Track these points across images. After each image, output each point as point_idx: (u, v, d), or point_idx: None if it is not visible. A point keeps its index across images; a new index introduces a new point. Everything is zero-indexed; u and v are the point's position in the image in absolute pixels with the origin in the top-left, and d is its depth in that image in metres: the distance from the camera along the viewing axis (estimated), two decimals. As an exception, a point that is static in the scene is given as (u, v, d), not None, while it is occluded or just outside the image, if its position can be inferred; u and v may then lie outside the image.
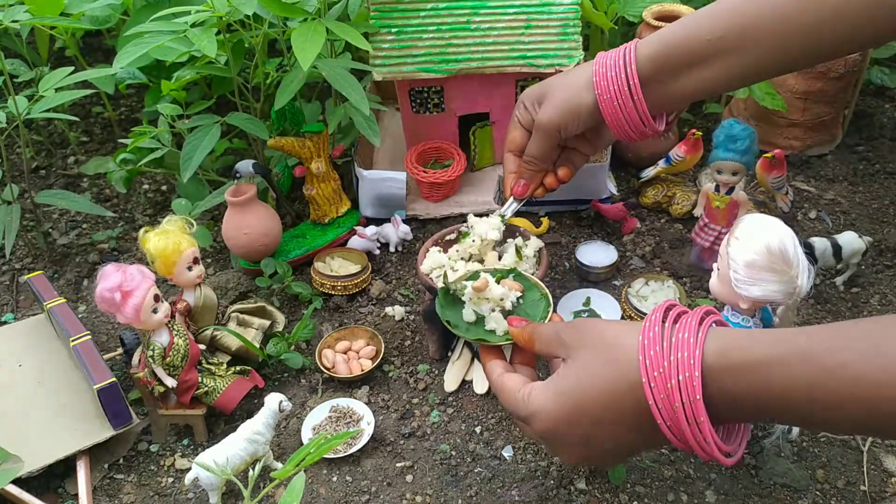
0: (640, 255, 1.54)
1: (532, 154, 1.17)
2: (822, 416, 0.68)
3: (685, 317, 0.76)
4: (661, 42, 1.03)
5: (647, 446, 0.81)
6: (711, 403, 0.71)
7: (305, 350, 1.37)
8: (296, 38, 1.33)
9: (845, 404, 0.65)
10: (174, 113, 1.56)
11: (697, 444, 0.73)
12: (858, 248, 1.38)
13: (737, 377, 0.70)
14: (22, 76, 1.87)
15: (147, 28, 1.40)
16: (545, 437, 0.82)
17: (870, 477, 1.14)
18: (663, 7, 1.69)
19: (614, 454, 0.82)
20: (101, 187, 1.84)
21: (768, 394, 0.69)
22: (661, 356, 0.72)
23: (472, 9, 1.52)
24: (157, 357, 1.17)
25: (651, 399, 0.72)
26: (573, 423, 0.78)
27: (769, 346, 0.70)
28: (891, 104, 2.01)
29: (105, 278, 1.12)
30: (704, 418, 0.71)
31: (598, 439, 0.78)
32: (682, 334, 0.73)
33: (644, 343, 0.74)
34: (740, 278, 0.98)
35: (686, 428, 0.72)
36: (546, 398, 0.80)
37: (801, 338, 0.69)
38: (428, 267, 1.18)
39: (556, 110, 1.12)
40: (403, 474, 1.16)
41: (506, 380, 0.88)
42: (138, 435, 1.25)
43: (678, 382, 0.71)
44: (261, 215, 1.45)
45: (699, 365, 0.71)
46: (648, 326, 0.76)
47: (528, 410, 0.82)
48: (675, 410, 0.71)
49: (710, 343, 0.73)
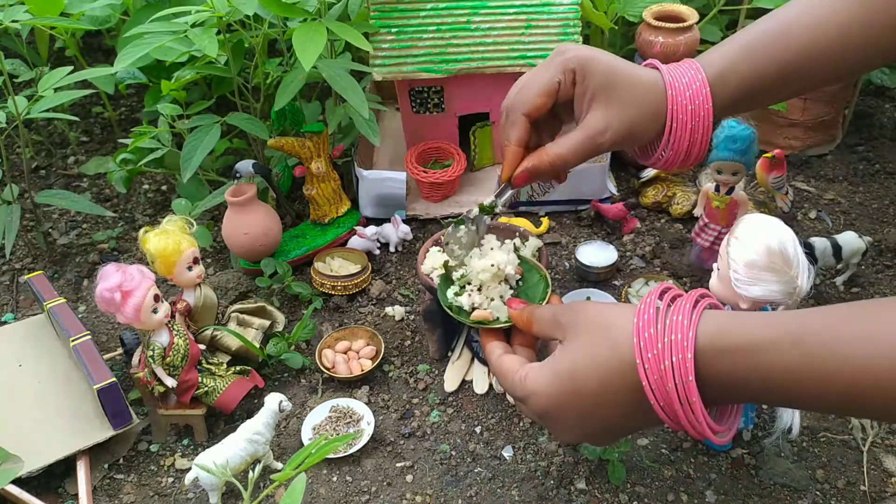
0: (640, 255, 1.54)
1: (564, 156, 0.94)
2: (811, 397, 0.68)
3: (680, 299, 0.77)
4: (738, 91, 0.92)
5: (641, 426, 0.82)
6: (704, 385, 0.72)
7: (305, 350, 1.37)
8: (297, 39, 1.33)
9: (834, 385, 0.66)
10: (174, 113, 1.56)
11: (689, 424, 0.74)
12: (858, 248, 1.38)
13: (729, 359, 0.71)
14: (22, 76, 1.87)
15: (147, 28, 1.40)
16: (542, 417, 0.83)
17: (870, 477, 1.14)
18: (663, 7, 1.69)
19: (609, 433, 0.83)
20: (101, 187, 1.84)
21: (759, 375, 0.70)
22: (656, 338, 0.73)
23: (471, 9, 1.52)
24: (157, 357, 1.17)
25: (645, 380, 0.73)
26: (569, 403, 0.79)
27: (761, 329, 0.70)
28: (891, 104, 2.01)
29: (105, 278, 1.12)
30: (696, 399, 0.72)
31: (594, 419, 0.79)
32: (676, 317, 0.74)
33: (639, 325, 0.75)
34: (740, 278, 0.98)
35: (678, 408, 0.73)
36: (542, 379, 0.81)
37: (794, 321, 0.69)
38: (429, 267, 1.17)
39: (618, 133, 0.91)
40: (403, 474, 1.16)
41: (504, 361, 0.89)
42: (138, 435, 1.24)
43: (671, 364, 0.71)
44: (261, 215, 1.45)
45: (692, 347, 0.72)
46: (644, 308, 0.76)
47: (526, 391, 0.83)
48: (667, 391, 0.72)
49: (704, 325, 0.73)
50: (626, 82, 0.91)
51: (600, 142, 0.91)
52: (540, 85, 0.93)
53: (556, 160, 0.93)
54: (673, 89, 0.91)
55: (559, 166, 0.94)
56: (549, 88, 0.92)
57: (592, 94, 0.91)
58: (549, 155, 0.93)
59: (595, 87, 0.91)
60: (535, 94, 0.93)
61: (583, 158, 0.93)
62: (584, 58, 0.91)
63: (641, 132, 0.92)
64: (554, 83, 0.92)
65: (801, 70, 0.90)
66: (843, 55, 0.89)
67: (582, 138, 0.92)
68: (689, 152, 0.93)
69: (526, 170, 0.95)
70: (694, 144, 0.92)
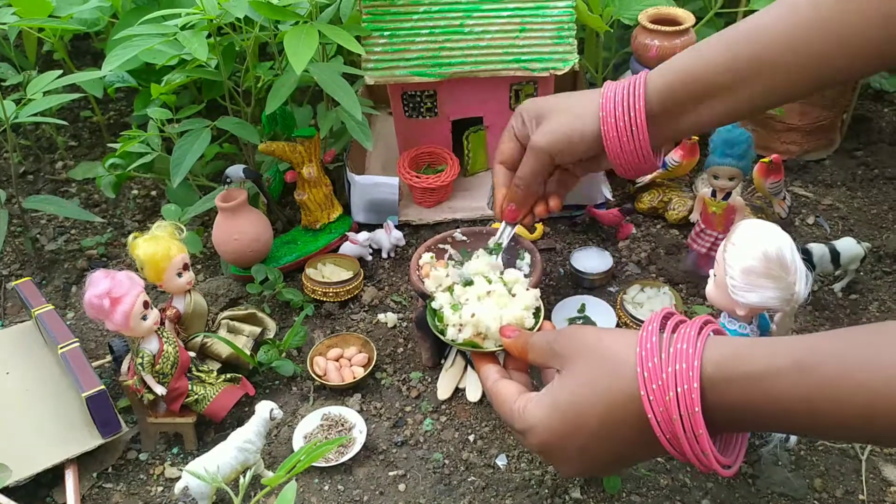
0: (636, 262, 1.53)
1: (523, 176, 1.12)
2: (821, 426, 0.68)
3: (683, 326, 0.76)
4: (674, 75, 0.99)
5: (645, 457, 0.81)
6: (710, 414, 0.71)
7: (297, 357, 1.36)
8: (288, 42, 1.32)
9: (844, 414, 0.65)
10: (164, 117, 1.55)
11: (695, 457, 0.72)
12: (857, 254, 1.37)
13: (735, 388, 0.70)
14: (9, 80, 1.86)
15: (136, 31, 1.39)
16: (542, 451, 0.82)
17: (868, 486, 1.13)
18: (659, 10, 1.68)
19: (612, 465, 0.82)
20: (90, 192, 1.82)
21: (767, 404, 0.69)
22: (660, 368, 0.72)
23: (465, 12, 1.51)
24: (147, 364, 1.15)
25: (650, 412, 0.72)
26: (570, 437, 0.78)
27: (768, 357, 0.69)
28: (889, 108, 2.01)
29: (93, 285, 1.12)
30: (703, 431, 0.71)
31: (596, 451, 0.78)
32: (680, 345, 0.73)
33: (642, 354, 0.73)
34: (737, 285, 0.97)
35: (684, 440, 0.71)
36: (542, 412, 0.80)
37: (801, 347, 0.69)
38: (432, 286, 1.16)
39: (553, 135, 1.05)
40: (396, 483, 1.15)
41: (500, 388, 0.88)
42: (127, 443, 1.23)
43: (676, 395, 0.70)
44: (251, 221, 1.44)
45: (698, 377, 0.70)
46: (646, 336, 0.75)
47: (525, 424, 0.81)
48: (673, 423, 0.71)
49: (709, 353, 0.72)
50: (561, 101, 1.09)
51: (539, 146, 1.06)
52: (504, 138, 1.14)
53: (516, 180, 1.12)
54: (607, 88, 1.03)
55: (518, 185, 1.12)
56: (509, 135, 1.13)
57: (534, 122, 1.08)
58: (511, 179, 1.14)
59: (535, 117, 1.08)
60: (502, 145, 1.14)
61: (533, 171, 1.10)
62: (527, 102, 1.12)
63: (579, 134, 1.04)
64: (510, 132, 1.12)
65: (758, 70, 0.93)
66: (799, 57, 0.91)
67: (527, 153, 1.09)
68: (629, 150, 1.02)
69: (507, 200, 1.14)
70: (632, 140, 1.01)
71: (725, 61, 0.94)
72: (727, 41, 0.96)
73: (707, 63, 0.96)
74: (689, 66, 0.98)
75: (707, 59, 0.96)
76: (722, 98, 0.96)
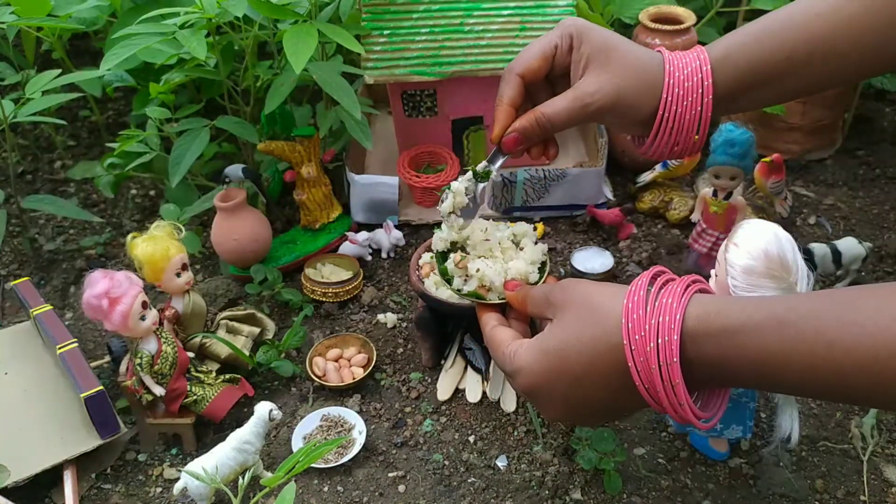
0: (637, 262, 1.52)
1: (555, 120, 0.93)
2: (796, 382, 0.69)
3: (671, 283, 0.77)
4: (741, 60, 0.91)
5: (626, 408, 0.82)
6: (690, 367, 0.72)
7: (296, 358, 1.36)
8: (288, 41, 1.31)
9: (819, 370, 0.66)
10: (162, 116, 1.54)
11: (671, 407, 0.74)
12: (858, 253, 1.38)
13: (714, 342, 0.71)
14: (8, 79, 1.85)
15: (135, 30, 1.38)
16: (529, 393, 0.84)
17: (870, 487, 1.13)
18: (660, 9, 1.67)
19: (595, 413, 0.83)
20: (89, 192, 1.82)
21: (743, 358, 0.70)
22: (644, 320, 0.74)
23: (465, 11, 1.51)
24: (145, 365, 1.15)
25: (630, 361, 0.73)
26: (555, 381, 0.80)
27: (749, 312, 0.70)
28: (891, 108, 2.00)
29: (92, 285, 1.12)
30: (680, 381, 0.72)
31: (579, 398, 0.80)
32: (665, 299, 0.74)
33: (628, 306, 0.75)
34: (738, 284, 0.97)
35: (661, 390, 0.73)
36: (530, 356, 0.82)
37: (781, 305, 0.70)
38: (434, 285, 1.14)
39: (605, 99, 0.90)
40: (396, 484, 1.15)
41: (497, 333, 0.90)
42: (126, 444, 1.23)
43: (657, 345, 0.72)
44: (250, 221, 1.44)
45: (678, 329, 0.72)
46: (634, 290, 0.77)
47: (514, 366, 0.84)
48: (651, 372, 0.73)
49: (692, 308, 0.73)
50: (622, 51, 0.92)
51: (587, 103, 0.91)
52: (538, 48, 0.94)
53: (541, 118, 0.92)
54: (671, 64, 0.91)
55: (544, 125, 0.93)
56: (546, 52, 0.93)
57: (587, 59, 0.91)
58: (535, 113, 0.93)
59: (590, 53, 0.91)
60: (532, 55, 0.94)
61: (569, 121, 0.93)
62: (582, 25, 0.92)
63: (631, 102, 0.91)
64: (551, 46, 0.93)
65: (811, 57, 0.89)
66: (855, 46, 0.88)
67: (570, 99, 0.91)
68: (684, 133, 0.92)
69: (515, 130, 0.94)
70: (690, 125, 0.91)
71: (784, 50, 0.90)
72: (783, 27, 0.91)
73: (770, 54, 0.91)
74: (753, 54, 0.91)
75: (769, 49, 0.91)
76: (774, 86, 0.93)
